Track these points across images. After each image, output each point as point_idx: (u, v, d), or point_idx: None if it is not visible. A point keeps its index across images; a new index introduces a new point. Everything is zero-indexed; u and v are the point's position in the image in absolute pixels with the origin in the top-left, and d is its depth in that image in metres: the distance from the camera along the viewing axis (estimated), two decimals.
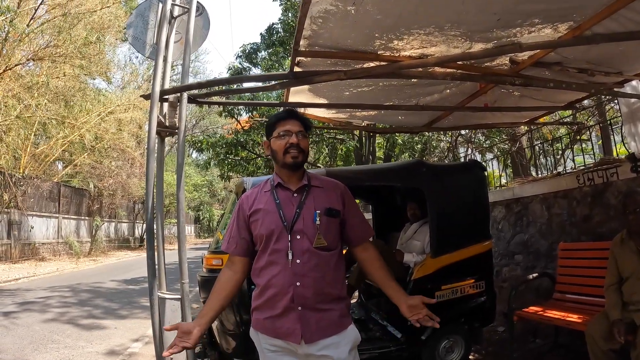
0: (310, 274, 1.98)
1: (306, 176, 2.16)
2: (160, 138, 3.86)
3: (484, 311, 4.35)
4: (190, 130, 35.10)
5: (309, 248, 2.00)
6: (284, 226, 2.01)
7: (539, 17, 2.88)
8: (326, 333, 2.00)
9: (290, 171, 2.11)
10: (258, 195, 2.16)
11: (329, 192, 2.15)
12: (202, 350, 4.39)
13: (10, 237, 16.52)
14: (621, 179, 4.62)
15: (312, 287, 1.98)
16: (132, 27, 4.22)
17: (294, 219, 2.03)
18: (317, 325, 1.98)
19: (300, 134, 2.08)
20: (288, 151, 2.05)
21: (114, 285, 11.63)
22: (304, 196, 2.09)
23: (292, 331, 1.97)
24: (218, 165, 14.38)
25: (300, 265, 1.98)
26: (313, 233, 2.02)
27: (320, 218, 2.04)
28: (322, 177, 2.25)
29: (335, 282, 2.07)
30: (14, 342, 5.83)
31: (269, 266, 2.03)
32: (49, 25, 17.15)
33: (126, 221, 29.65)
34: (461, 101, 4.66)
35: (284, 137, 2.07)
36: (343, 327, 2.05)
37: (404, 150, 16.31)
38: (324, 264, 2.02)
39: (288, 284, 1.97)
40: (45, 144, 20.53)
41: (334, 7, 2.59)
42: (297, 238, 2.01)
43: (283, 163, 2.08)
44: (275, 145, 2.10)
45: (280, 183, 2.12)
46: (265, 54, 15.72)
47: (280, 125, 2.10)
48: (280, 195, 2.10)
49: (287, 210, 2.05)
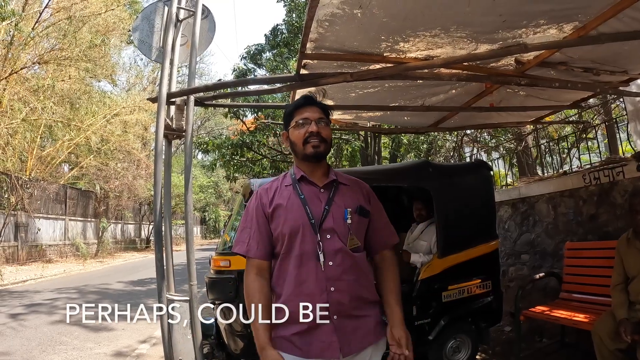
0: (345, 277, 1.79)
1: (332, 171, 1.97)
2: (168, 141, 3.88)
3: (491, 311, 4.35)
4: (195, 132, 35.20)
5: (342, 248, 1.81)
6: (311, 224, 1.80)
7: (545, 17, 2.89)
8: (363, 344, 1.82)
9: (312, 163, 1.92)
10: (279, 189, 1.94)
11: (357, 191, 1.97)
12: (210, 351, 4.40)
13: (18, 239, 16.61)
14: (627, 177, 4.60)
15: (347, 292, 1.79)
16: (138, 31, 4.24)
17: (323, 216, 1.83)
18: (355, 335, 1.79)
19: (322, 122, 1.90)
20: (308, 141, 1.87)
21: (121, 287, 11.68)
22: (332, 192, 1.90)
23: (329, 345, 1.75)
24: (224, 167, 14.38)
25: (333, 268, 1.78)
26: (345, 232, 1.83)
27: (352, 217, 1.85)
28: (347, 175, 2.05)
29: (370, 285, 1.90)
30: (22, 344, 5.88)
31: (295, 271, 1.81)
32: (54, 29, 17.24)
33: (132, 223, 29.76)
34: (467, 101, 4.67)
35: (303, 126, 1.89)
36: (380, 336, 1.88)
37: (409, 150, 16.27)
38: (358, 265, 1.85)
39: (321, 290, 1.76)
40: (51, 146, 20.62)
41: (340, 10, 2.60)
42: (327, 237, 1.80)
43: (304, 155, 1.90)
44: (293, 136, 1.92)
45: (304, 176, 1.92)
46: (270, 55, 15.71)
47: (298, 114, 1.92)
48: (305, 190, 1.89)
49: (313, 206, 1.85)
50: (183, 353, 3.59)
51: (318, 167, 1.93)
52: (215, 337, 4.38)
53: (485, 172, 4.63)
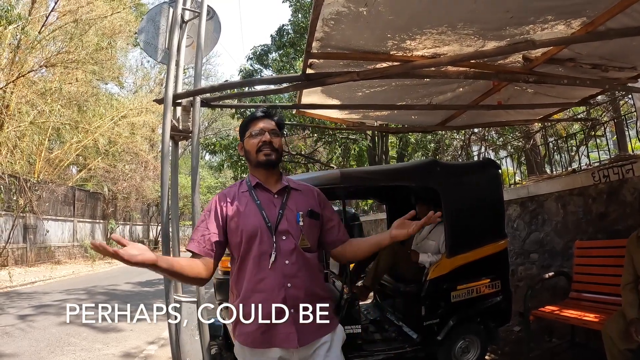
0: (300, 274, 1.95)
1: (284, 178, 2.13)
2: (174, 142, 3.89)
3: (500, 311, 4.31)
4: (203, 133, 35.33)
5: (295, 247, 1.96)
6: (268, 227, 1.96)
7: (552, 13, 2.86)
8: (319, 333, 1.98)
9: (265, 170, 2.07)
10: (236, 194, 2.09)
11: (308, 195, 2.13)
12: (218, 351, 4.40)
13: (26, 241, 16.76)
14: (637, 175, 4.53)
15: (303, 288, 1.94)
16: (143, 33, 4.25)
17: (278, 219, 1.98)
18: (310, 326, 1.94)
19: (273, 133, 2.06)
20: (261, 149, 2.03)
21: (129, 288, 11.74)
22: (285, 198, 2.06)
23: (287, 336, 1.91)
24: (231, 167, 14.44)
25: (289, 266, 1.94)
26: (297, 234, 1.99)
27: (303, 219, 2.02)
28: (298, 181, 2.23)
29: (321, 283, 2.07)
30: (31, 345, 5.91)
31: (253, 270, 1.95)
32: (61, 32, 17.40)
33: (140, 224, 29.94)
34: (474, 99, 4.64)
35: (256, 136, 2.04)
36: (334, 327, 2.04)
37: (416, 149, 16.24)
38: (310, 264, 2.00)
39: (279, 286, 1.91)
40: (59, 148, 20.80)
41: (345, 8, 2.59)
42: (282, 239, 1.96)
43: (257, 162, 2.05)
44: (248, 145, 2.08)
45: (259, 183, 2.08)
46: (276, 56, 15.76)
47: (253, 125, 2.08)
48: (261, 196, 2.05)
49: (269, 211, 2.01)
50: (191, 354, 3.59)
51: (271, 174, 2.09)
52: (223, 337, 4.37)
53: (493, 170, 4.58)
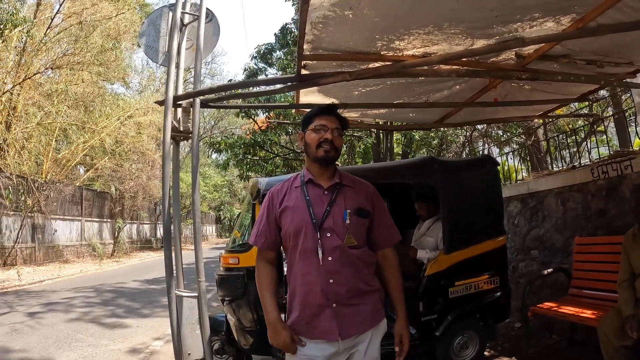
0: (343, 271, 1.98)
1: (338, 174, 2.13)
2: (175, 142, 3.96)
3: (499, 307, 4.33)
4: (209, 132, 35.46)
5: (340, 245, 1.98)
6: (313, 224, 1.99)
7: (539, 11, 2.89)
8: (361, 328, 2.01)
9: (321, 166, 2.09)
10: (288, 190, 2.13)
11: (359, 192, 2.13)
12: (221, 346, 4.47)
13: (35, 240, 16.91)
14: (635, 171, 4.53)
15: (345, 284, 1.98)
16: (144, 36, 4.33)
17: (324, 216, 2.01)
18: (352, 320, 1.99)
19: (336, 131, 2.07)
20: (321, 145, 2.03)
21: (136, 285, 11.86)
22: (335, 194, 2.07)
23: (329, 329, 1.96)
24: (237, 166, 14.49)
25: (332, 263, 1.97)
26: (343, 232, 2.00)
27: (351, 217, 2.02)
28: (353, 176, 2.22)
29: (367, 277, 2.07)
30: (39, 341, 6.02)
31: (300, 264, 2.02)
32: (66, 34, 17.51)
33: (148, 222, 30.07)
34: (471, 96, 4.67)
35: (319, 131, 2.05)
36: (378, 321, 2.08)
37: (421, 146, 16.22)
38: (355, 260, 2.02)
39: (321, 282, 1.96)
40: (66, 149, 20.90)
41: (331, 12, 2.65)
42: (327, 236, 1.99)
43: (315, 157, 2.06)
44: (309, 138, 2.08)
45: (311, 179, 2.10)
46: (280, 54, 15.78)
47: (317, 119, 2.08)
48: (311, 192, 2.08)
49: (316, 207, 2.03)
50: (192, 348, 3.68)
51: (326, 170, 2.11)
52: (226, 332, 4.44)
53: (491, 167, 4.60)
